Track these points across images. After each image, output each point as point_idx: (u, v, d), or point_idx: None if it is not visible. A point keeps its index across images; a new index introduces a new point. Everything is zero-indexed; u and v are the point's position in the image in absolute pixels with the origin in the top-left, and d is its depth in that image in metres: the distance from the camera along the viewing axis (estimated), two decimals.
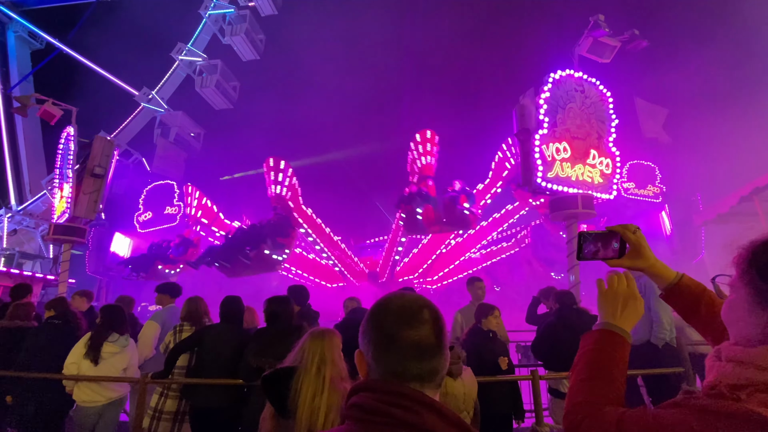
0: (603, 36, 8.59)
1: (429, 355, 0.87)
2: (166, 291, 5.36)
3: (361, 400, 0.85)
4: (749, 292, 0.87)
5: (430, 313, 0.90)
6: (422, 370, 0.86)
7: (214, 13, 20.30)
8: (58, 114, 10.85)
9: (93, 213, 9.85)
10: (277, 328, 3.64)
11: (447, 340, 0.91)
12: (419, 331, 0.87)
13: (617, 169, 7.88)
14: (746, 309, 0.87)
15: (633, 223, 1.26)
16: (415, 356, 0.86)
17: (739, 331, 0.90)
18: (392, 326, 0.88)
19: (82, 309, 6.10)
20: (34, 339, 4.36)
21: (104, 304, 4.41)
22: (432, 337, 0.88)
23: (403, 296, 0.95)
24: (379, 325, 0.91)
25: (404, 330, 0.87)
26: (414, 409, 0.80)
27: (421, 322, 0.88)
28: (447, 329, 0.93)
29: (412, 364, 0.86)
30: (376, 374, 0.88)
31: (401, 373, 0.86)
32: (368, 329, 0.92)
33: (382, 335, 0.89)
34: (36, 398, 4.09)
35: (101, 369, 4.01)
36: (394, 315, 0.90)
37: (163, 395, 4.12)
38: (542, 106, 7.49)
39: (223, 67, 20.89)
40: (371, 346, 0.89)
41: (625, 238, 1.22)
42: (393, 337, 0.87)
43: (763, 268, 0.85)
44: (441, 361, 0.88)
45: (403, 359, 0.86)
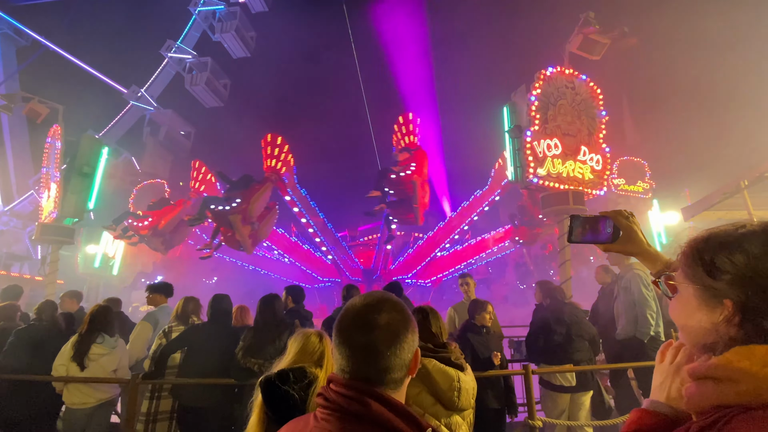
0: (593, 33, 8.65)
1: (373, 358, 0.95)
2: (159, 290, 5.29)
3: (326, 392, 0.96)
4: (696, 290, 0.84)
5: (387, 319, 0.97)
6: (367, 372, 0.95)
7: (204, 9, 20.07)
8: (44, 112, 10.67)
9: (81, 213, 9.71)
10: (267, 327, 3.61)
11: (398, 343, 0.97)
12: (366, 335, 0.96)
13: (607, 166, 7.95)
14: (695, 307, 0.84)
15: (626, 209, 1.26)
16: (358, 358, 0.95)
17: (690, 331, 0.87)
18: (346, 329, 0.99)
19: (71, 310, 6.03)
20: (14, 340, 4.30)
21: (93, 305, 4.35)
22: (378, 342, 0.95)
23: (364, 300, 1.03)
24: (337, 326, 1.01)
25: (354, 333, 0.97)
26: (362, 401, 0.90)
27: (371, 328, 0.96)
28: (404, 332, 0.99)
29: (357, 366, 0.95)
30: (337, 370, 0.99)
31: (348, 371, 0.96)
32: (333, 328, 1.02)
33: (336, 337, 1.00)
34: (22, 400, 4.03)
35: (90, 370, 3.95)
36: (350, 319, 1.00)
37: (154, 398, 4.08)
38: (533, 102, 7.53)
39: (214, 65, 20.69)
40: (333, 344, 1.01)
41: (617, 223, 1.22)
42: (344, 340, 0.98)
43: (709, 264, 0.81)
44: (385, 364, 0.95)
45: (348, 360, 0.96)
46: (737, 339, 0.76)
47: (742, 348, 0.74)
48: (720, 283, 0.79)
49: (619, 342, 5.14)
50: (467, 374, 2.60)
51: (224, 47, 20.69)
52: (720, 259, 0.80)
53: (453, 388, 2.43)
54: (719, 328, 0.78)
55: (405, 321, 1.00)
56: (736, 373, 0.72)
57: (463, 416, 2.56)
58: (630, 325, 4.95)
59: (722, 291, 0.78)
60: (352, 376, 0.96)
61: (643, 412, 0.90)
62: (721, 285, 0.79)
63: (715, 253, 0.81)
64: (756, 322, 0.75)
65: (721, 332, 0.78)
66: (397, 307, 1.02)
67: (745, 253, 0.77)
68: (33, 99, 10.81)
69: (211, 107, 21.45)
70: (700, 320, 0.82)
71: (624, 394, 5.20)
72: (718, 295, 0.79)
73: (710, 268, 0.81)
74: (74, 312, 6.02)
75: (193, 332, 3.95)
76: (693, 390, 0.78)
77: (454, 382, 2.45)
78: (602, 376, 5.90)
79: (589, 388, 4.52)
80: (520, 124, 7.67)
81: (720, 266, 0.79)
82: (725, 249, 0.80)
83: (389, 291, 2.01)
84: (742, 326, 0.76)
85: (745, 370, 0.71)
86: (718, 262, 0.80)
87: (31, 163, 20.39)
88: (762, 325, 0.74)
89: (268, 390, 1.86)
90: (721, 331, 0.78)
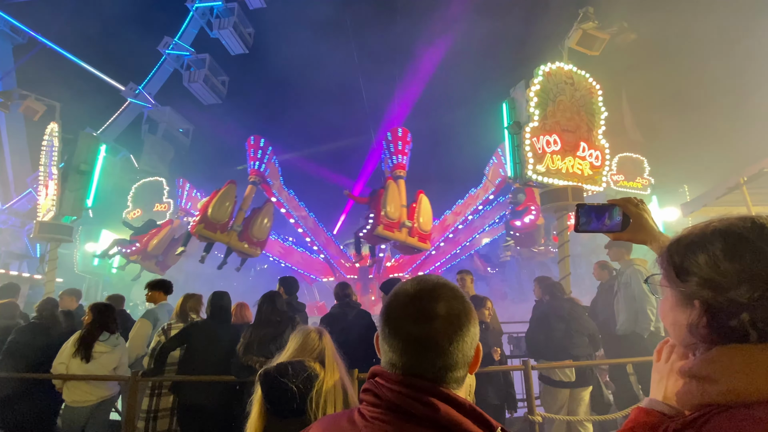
0: (592, 28, 8.62)
1: (433, 353, 0.82)
2: (158, 288, 5.27)
3: (375, 387, 0.85)
4: (672, 292, 0.85)
5: (444, 307, 0.84)
6: (425, 369, 0.83)
7: (202, 5, 19.95)
8: (41, 110, 10.62)
9: (79, 211, 9.69)
10: (268, 324, 3.61)
11: (460, 336, 0.84)
12: (423, 327, 0.83)
13: (606, 162, 7.94)
14: (674, 308, 0.85)
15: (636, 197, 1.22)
16: (414, 353, 0.83)
17: (673, 331, 0.88)
18: (397, 319, 0.86)
19: (71, 308, 6.02)
20: (14, 338, 4.30)
21: (94, 303, 4.34)
22: (438, 335, 0.83)
23: (418, 283, 0.89)
24: (386, 316, 0.88)
25: (407, 324, 0.84)
26: (426, 401, 0.79)
27: (429, 318, 0.83)
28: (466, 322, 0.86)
29: (413, 361, 0.83)
30: (384, 363, 0.87)
31: (400, 367, 0.84)
32: (380, 314, 0.91)
33: (385, 328, 0.87)
34: (23, 398, 4.03)
35: (91, 368, 3.96)
36: (402, 307, 0.87)
37: (154, 395, 4.09)
38: (532, 98, 7.51)
39: (212, 62, 20.59)
40: (380, 333, 0.88)
41: (626, 211, 1.18)
42: (395, 332, 0.85)
43: (678, 267, 0.82)
44: (446, 360, 0.83)
45: (402, 355, 0.83)
46: (708, 339, 0.78)
47: (723, 348, 0.75)
48: (688, 284, 0.80)
49: (618, 337, 5.16)
50: None
51: (222, 44, 20.60)
52: (687, 261, 0.81)
53: None
54: (693, 330, 0.79)
55: (467, 310, 0.87)
56: (716, 373, 0.73)
57: None
58: (630, 320, 4.96)
59: (692, 292, 0.79)
60: (405, 372, 0.83)
61: (642, 410, 0.91)
62: (690, 286, 0.80)
63: (683, 255, 0.82)
64: (722, 322, 0.76)
65: (694, 332, 0.79)
66: (456, 293, 0.88)
67: (707, 254, 0.78)
68: (30, 96, 10.76)
69: (210, 104, 21.38)
70: (679, 320, 0.84)
71: (623, 390, 5.22)
72: (689, 296, 0.80)
73: (679, 271, 0.82)
74: (73, 310, 6.02)
75: (193, 329, 3.95)
76: (680, 389, 0.80)
77: None
78: (602, 372, 5.92)
79: (588, 384, 4.55)
80: (519, 120, 7.66)
81: (687, 268, 0.81)
82: (690, 250, 0.81)
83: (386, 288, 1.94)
84: (710, 326, 0.77)
85: (724, 369, 0.73)
86: (685, 264, 0.81)
87: (29, 161, 20.31)
88: (728, 325, 0.75)
89: (268, 383, 1.87)
90: (695, 332, 0.79)
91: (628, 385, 5.29)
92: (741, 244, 0.76)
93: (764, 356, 0.72)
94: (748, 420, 0.68)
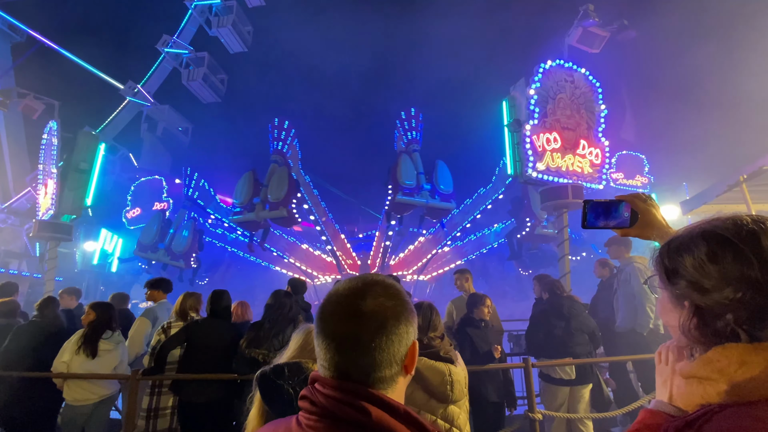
0: (592, 26, 8.61)
1: (357, 352, 0.82)
2: (157, 286, 5.27)
3: (311, 393, 0.84)
4: (666, 293, 0.87)
5: (370, 305, 0.84)
6: (348, 368, 0.83)
7: (201, 3, 19.88)
8: (39, 108, 10.63)
9: (79, 209, 9.68)
10: (273, 321, 3.64)
11: (384, 334, 0.84)
12: (347, 324, 0.83)
13: (606, 160, 7.94)
14: (670, 309, 0.87)
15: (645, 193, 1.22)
16: (341, 351, 0.83)
17: (671, 331, 0.90)
18: (326, 317, 0.86)
19: (70, 307, 6.02)
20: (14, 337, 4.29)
21: (95, 301, 4.35)
22: (361, 332, 0.83)
23: (351, 281, 0.90)
24: (318, 314, 0.89)
25: (335, 322, 0.85)
26: (358, 406, 0.78)
27: (354, 315, 0.84)
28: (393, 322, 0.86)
29: (337, 359, 0.83)
30: (323, 370, 0.87)
31: (328, 367, 0.84)
32: (315, 316, 0.90)
33: (317, 326, 0.87)
34: (23, 397, 4.03)
35: (93, 367, 3.96)
36: (332, 305, 0.87)
37: (155, 394, 4.09)
38: (532, 96, 7.50)
39: (210, 60, 20.54)
40: (314, 335, 0.89)
41: (634, 207, 1.18)
42: (324, 330, 0.86)
43: (669, 270, 0.84)
44: (368, 359, 0.83)
45: (331, 354, 0.84)
46: (699, 340, 0.80)
47: (720, 348, 0.76)
48: (678, 286, 0.82)
49: (618, 334, 5.16)
50: (458, 365, 2.62)
51: (221, 42, 20.54)
52: (676, 263, 0.83)
53: (445, 382, 2.44)
54: (685, 330, 0.81)
55: (396, 308, 0.86)
56: (715, 373, 0.75)
57: (459, 406, 2.59)
58: (629, 317, 4.97)
59: (682, 293, 0.81)
60: (334, 372, 0.84)
61: (648, 412, 0.92)
62: (679, 288, 0.82)
63: (673, 257, 0.84)
64: (708, 322, 0.78)
65: (686, 333, 0.81)
66: (388, 291, 0.88)
67: (693, 256, 0.79)
68: (29, 95, 10.75)
69: (209, 103, 21.33)
70: (672, 321, 0.86)
71: (623, 387, 5.23)
72: (679, 298, 0.82)
73: (669, 273, 0.84)
74: (73, 309, 6.01)
75: (193, 328, 3.95)
76: (682, 389, 0.81)
77: (446, 376, 2.46)
78: (602, 369, 5.93)
79: (588, 381, 4.55)
80: (519, 118, 7.65)
81: (676, 270, 0.82)
82: (678, 253, 0.83)
83: None
84: (699, 327, 0.79)
85: (722, 369, 0.74)
86: (674, 266, 0.83)
87: (28, 160, 20.26)
88: (715, 326, 0.77)
89: (264, 385, 1.86)
90: (687, 333, 0.81)
91: (628, 382, 5.30)
92: (723, 246, 0.77)
93: (759, 356, 0.72)
94: (748, 418, 0.69)
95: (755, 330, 0.74)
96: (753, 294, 0.73)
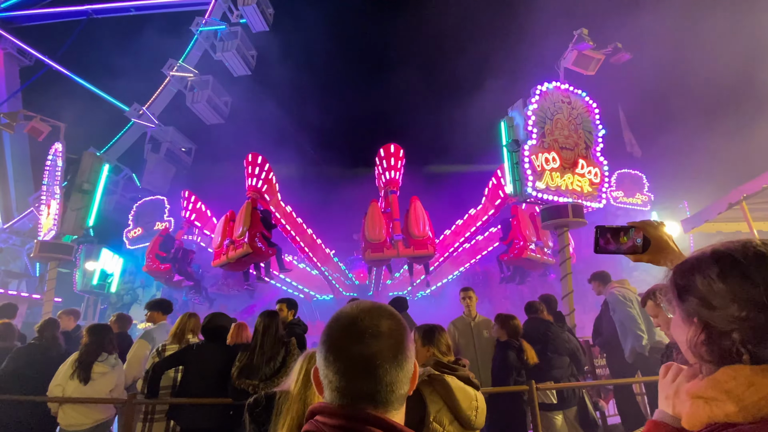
0: (587, 49, 8.81)
1: (380, 371, 0.82)
2: (157, 308, 5.23)
3: (316, 428, 0.80)
4: (678, 311, 0.90)
5: (388, 325, 0.86)
6: (369, 389, 0.81)
7: (206, 29, 20.44)
8: (45, 130, 10.78)
9: (80, 230, 9.71)
10: (264, 346, 3.52)
11: (402, 353, 0.85)
12: (369, 345, 0.83)
13: (605, 178, 7.99)
14: (680, 327, 0.89)
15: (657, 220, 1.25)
16: (359, 373, 0.82)
17: (682, 349, 0.92)
18: (339, 340, 0.85)
19: (68, 328, 5.96)
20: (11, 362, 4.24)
21: (91, 324, 4.30)
22: (383, 352, 0.83)
23: (357, 306, 0.90)
24: (327, 339, 0.87)
25: (352, 345, 0.83)
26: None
27: (374, 336, 0.84)
28: (407, 340, 0.88)
29: (356, 383, 0.81)
30: (328, 391, 0.85)
31: (342, 391, 0.82)
32: (319, 343, 0.89)
33: (325, 352, 0.85)
34: (17, 422, 3.95)
35: (89, 390, 3.89)
36: (344, 328, 0.86)
37: (148, 420, 3.99)
38: (530, 117, 7.62)
39: (215, 83, 20.95)
40: (321, 361, 0.86)
41: (646, 233, 1.20)
42: (337, 354, 0.84)
43: (680, 289, 0.88)
44: (390, 378, 0.82)
45: (347, 378, 0.82)
46: (706, 358, 0.82)
47: (728, 368, 0.78)
48: (689, 304, 0.85)
49: (622, 354, 5.11)
50: (480, 394, 2.59)
51: (225, 65, 21.01)
52: (688, 282, 0.86)
53: (472, 407, 2.41)
54: (693, 348, 0.84)
55: (404, 328, 0.90)
56: (723, 394, 0.76)
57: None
58: (627, 344, 4.97)
59: (692, 310, 0.84)
60: (349, 396, 0.82)
61: (653, 423, 0.94)
62: (690, 306, 0.85)
63: (685, 276, 0.87)
64: (715, 341, 0.80)
65: (695, 352, 0.84)
66: (393, 313, 0.91)
67: (704, 276, 0.83)
68: (35, 117, 10.93)
69: (212, 124, 21.65)
70: (683, 337, 0.88)
71: (629, 409, 5.11)
72: (689, 314, 0.85)
73: (680, 291, 0.88)
74: (70, 330, 5.95)
75: (191, 352, 3.88)
76: (689, 410, 0.81)
77: (473, 401, 2.43)
78: (607, 391, 5.80)
79: (571, 405, 4.42)
80: (518, 138, 7.75)
81: (688, 288, 0.86)
82: (691, 272, 0.86)
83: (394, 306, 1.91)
84: (707, 345, 0.81)
85: (730, 390, 0.75)
86: (686, 284, 0.86)
87: (32, 180, 20.46)
88: (722, 344, 0.79)
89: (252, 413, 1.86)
90: (694, 350, 0.84)
91: (634, 404, 5.18)
92: (733, 266, 0.80)
93: (767, 378, 0.74)
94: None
95: (760, 349, 0.76)
96: (757, 313, 0.76)
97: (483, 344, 4.85)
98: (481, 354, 4.79)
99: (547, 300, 5.50)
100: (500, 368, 4.27)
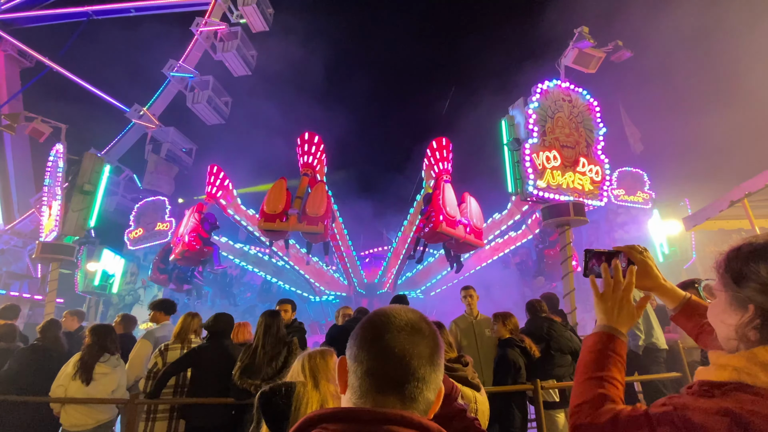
0: (587, 47, 8.79)
1: (413, 363, 0.77)
2: (160, 308, 5.22)
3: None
4: (727, 295, 0.92)
5: (427, 326, 0.83)
6: (398, 377, 0.76)
7: (206, 30, 20.45)
8: (47, 131, 10.80)
9: (82, 230, 9.72)
10: (266, 346, 3.52)
11: (438, 361, 0.82)
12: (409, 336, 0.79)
13: (606, 176, 7.98)
14: (724, 311, 0.92)
15: (640, 244, 1.28)
16: (394, 358, 0.76)
17: (720, 332, 0.95)
18: (378, 328, 0.80)
19: (72, 328, 5.97)
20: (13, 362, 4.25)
21: (94, 325, 4.31)
22: (420, 347, 0.79)
23: (397, 305, 0.87)
24: (364, 334, 0.82)
25: (392, 332, 0.79)
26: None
27: (414, 330, 0.80)
28: (442, 351, 0.85)
29: (387, 367, 0.76)
30: (354, 378, 0.78)
31: (373, 374, 0.76)
32: (354, 335, 0.83)
33: (363, 343, 0.80)
34: (20, 422, 3.96)
35: (91, 390, 3.89)
36: (383, 324, 0.81)
37: (150, 419, 4.00)
38: (531, 115, 7.61)
39: (215, 83, 20.97)
40: (354, 350, 0.81)
41: (631, 258, 1.24)
42: (377, 339, 0.79)
43: (736, 273, 0.90)
44: (423, 373, 0.77)
45: (377, 359, 0.77)
46: (755, 341, 0.85)
47: (764, 348, 0.84)
48: (746, 290, 0.88)
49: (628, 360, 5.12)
50: (482, 395, 2.53)
51: (225, 66, 21.02)
52: (747, 269, 0.88)
53: (470, 409, 2.37)
54: (740, 330, 0.87)
55: (439, 335, 0.85)
56: (757, 366, 0.82)
57: None
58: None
59: (748, 297, 0.87)
60: (376, 381, 0.76)
61: (601, 334, 1.08)
62: (747, 292, 0.87)
63: (744, 263, 0.89)
64: None
65: (741, 334, 0.88)
66: (429, 319, 0.86)
67: (767, 263, 0.86)
68: (36, 119, 10.95)
69: (213, 124, 21.66)
70: (727, 322, 0.91)
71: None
72: (744, 301, 0.88)
73: (737, 277, 0.90)
74: (73, 331, 5.96)
75: (200, 353, 3.88)
76: (712, 371, 0.88)
77: (472, 403, 2.38)
78: None
79: None
80: (519, 137, 7.74)
81: (746, 275, 0.88)
82: (752, 259, 0.89)
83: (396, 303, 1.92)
84: (761, 329, 0.85)
85: (765, 363, 0.81)
86: (745, 271, 0.89)
87: (33, 182, 20.50)
88: None
89: (262, 403, 1.87)
90: (741, 332, 0.87)
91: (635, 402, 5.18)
92: None
93: None
94: None
95: None
96: None
97: (485, 343, 4.84)
98: (484, 353, 4.78)
99: (548, 298, 5.49)
100: (502, 366, 4.27)
